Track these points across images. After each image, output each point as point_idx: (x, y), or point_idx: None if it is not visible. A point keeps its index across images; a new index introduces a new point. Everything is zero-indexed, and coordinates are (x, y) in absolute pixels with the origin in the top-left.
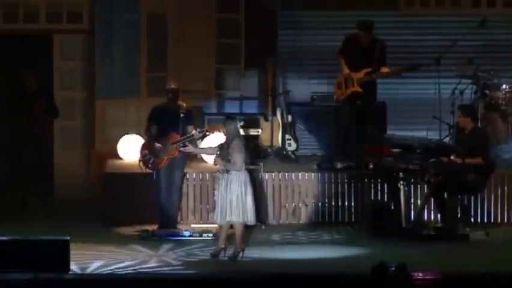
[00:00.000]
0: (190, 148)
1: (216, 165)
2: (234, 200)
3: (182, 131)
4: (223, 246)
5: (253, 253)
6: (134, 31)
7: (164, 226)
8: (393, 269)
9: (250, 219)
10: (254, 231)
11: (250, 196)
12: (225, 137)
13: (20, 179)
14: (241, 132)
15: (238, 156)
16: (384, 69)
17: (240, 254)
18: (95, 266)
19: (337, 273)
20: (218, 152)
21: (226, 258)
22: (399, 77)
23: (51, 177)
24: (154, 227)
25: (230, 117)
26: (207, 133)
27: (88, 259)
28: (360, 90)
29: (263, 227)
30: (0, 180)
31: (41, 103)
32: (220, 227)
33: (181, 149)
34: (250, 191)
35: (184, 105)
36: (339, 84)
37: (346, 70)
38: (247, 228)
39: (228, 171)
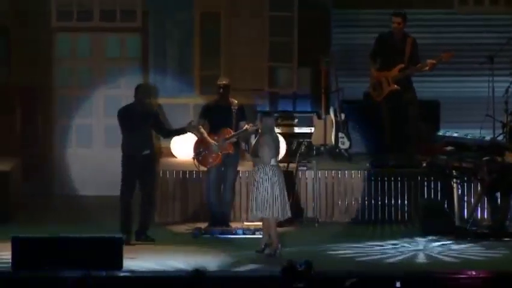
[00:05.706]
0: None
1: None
2: (260, 196)
3: (235, 127)
4: (265, 242)
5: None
6: (187, 30)
7: (216, 224)
8: (301, 267)
9: (277, 214)
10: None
11: (278, 191)
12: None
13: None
14: (276, 129)
15: (264, 151)
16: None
17: (277, 251)
18: (147, 263)
19: (248, 275)
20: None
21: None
22: (450, 75)
23: None
24: (207, 225)
25: (266, 113)
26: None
27: (140, 257)
28: (397, 87)
29: (316, 224)
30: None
31: (150, 123)
32: (262, 222)
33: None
34: (278, 186)
35: (236, 101)
36: (374, 86)
37: (377, 72)
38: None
39: (256, 166)
